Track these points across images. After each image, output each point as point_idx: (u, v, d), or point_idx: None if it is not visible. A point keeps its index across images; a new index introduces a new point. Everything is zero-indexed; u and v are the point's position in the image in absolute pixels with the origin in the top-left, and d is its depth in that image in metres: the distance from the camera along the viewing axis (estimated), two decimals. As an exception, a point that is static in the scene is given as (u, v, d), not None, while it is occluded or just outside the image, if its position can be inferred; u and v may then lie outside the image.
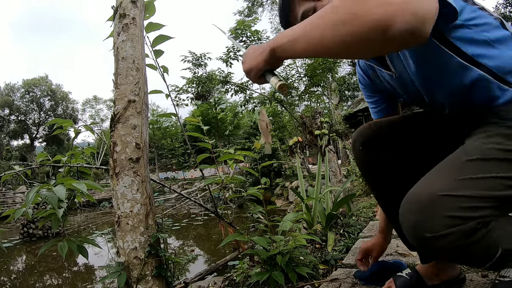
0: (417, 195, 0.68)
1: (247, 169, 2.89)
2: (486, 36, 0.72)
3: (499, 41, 0.72)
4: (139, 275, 1.24)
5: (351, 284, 1.21)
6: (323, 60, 7.28)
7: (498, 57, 0.72)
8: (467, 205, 0.64)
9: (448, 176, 0.69)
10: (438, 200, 0.65)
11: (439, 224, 0.64)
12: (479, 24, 0.72)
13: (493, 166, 0.68)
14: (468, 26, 0.72)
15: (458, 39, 0.73)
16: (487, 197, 0.65)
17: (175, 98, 9.33)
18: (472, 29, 0.72)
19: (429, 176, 0.72)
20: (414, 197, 0.69)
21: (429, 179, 0.71)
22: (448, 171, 0.70)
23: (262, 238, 1.38)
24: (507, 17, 14.04)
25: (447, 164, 0.73)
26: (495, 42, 0.72)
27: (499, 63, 0.72)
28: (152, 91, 1.58)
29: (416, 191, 0.70)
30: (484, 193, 0.65)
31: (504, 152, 0.69)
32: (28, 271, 5.56)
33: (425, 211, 0.65)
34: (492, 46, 0.72)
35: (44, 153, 1.61)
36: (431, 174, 0.72)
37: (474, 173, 0.67)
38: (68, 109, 34.88)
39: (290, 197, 10.88)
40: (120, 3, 1.45)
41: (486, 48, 0.72)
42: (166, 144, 26.39)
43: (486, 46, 0.72)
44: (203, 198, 5.76)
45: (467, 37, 0.73)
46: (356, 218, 2.74)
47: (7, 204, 14.49)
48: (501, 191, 0.66)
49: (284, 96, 1.25)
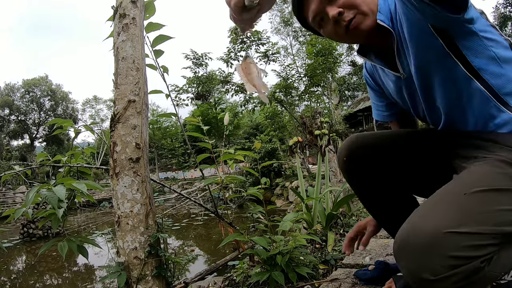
0: (416, 231, 0.62)
1: (247, 169, 2.89)
2: (495, 52, 0.71)
3: (506, 61, 0.71)
4: (139, 275, 1.24)
5: (351, 284, 1.21)
6: (323, 60, 7.29)
7: (501, 76, 0.71)
8: (472, 243, 0.59)
9: (449, 210, 0.63)
10: (441, 239, 0.59)
11: (442, 265, 0.58)
12: (490, 38, 0.71)
13: (501, 197, 0.64)
14: (479, 37, 0.70)
15: (467, 48, 0.71)
16: (494, 233, 0.61)
17: (175, 98, 9.33)
18: (482, 41, 0.71)
19: (427, 208, 0.65)
20: (411, 232, 0.62)
21: (428, 213, 0.64)
22: (449, 204, 0.64)
23: (262, 238, 1.38)
24: (507, 17, 14.03)
25: (447, 195, 0.67)
26: (502, 61, 0.71)
27: (501, 82, 0.71)
28: (152, 91, 1.58)
29: (413, 226, 0.63)
30: (492, 229, 0.60)
31: (510, 180, 0.65)
32: (28, 271, 5.56)
33: (426, 251, 0.59)
34: (499, 63, 0.71)
35: (44, 153, 1.61)
36: (430, 206, 0.66)
37: (480, 206, 0.62)
38: (68, 109, 34.85)
39: (290, 197, 10.88)
40: (120, 3, 1.45)
41: (492, 64, 0.71)
42: (166, 144, 26.38)
43: (493, 62, 0.71)
44: (203, 198, 5.76)
45: (476, 48, 0.71)
46: (356, 218, 2.73)
47: (7, 204, 14.48)
48: (510, 226, 0.61)
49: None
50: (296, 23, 13.37)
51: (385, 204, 1.01)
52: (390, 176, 0.97)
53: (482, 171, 0.68)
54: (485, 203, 0.63)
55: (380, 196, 1.00)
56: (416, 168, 0.95)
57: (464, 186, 0.66)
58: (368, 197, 1.03)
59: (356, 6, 0.79)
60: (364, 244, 1.07)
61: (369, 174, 0.97)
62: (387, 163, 0.95)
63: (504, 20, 13.99)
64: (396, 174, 0.97)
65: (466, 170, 0.72)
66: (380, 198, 1.00)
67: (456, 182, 0.70)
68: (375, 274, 1.17)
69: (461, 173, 0.72)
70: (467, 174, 0.70)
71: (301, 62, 8.05)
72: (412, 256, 0.61)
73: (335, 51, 7.85)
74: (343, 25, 0.80)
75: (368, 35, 0.82)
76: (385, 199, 1.00)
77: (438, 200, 0.67)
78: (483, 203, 0.62)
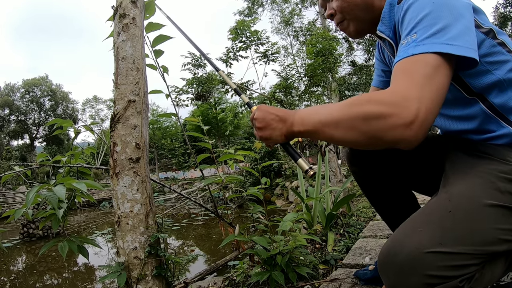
0: (397, 249, 0.62)
1: (247, 169, 2.89)
2: (499, 75, 0.69)
3: (510, 82, 0.70)
4: (139, 275, 1.24)
5: (351, 284, 1.21)
6: (323, 60, 7.29)
7: (505, 95, 0.70)
8: (451, 264, 0.58)
9: (433, 229, 0.62)
10: (420, 259, 0.59)
11: (418, 284, 0.59)
12: (494, 61, 0.69)
13: (488, 214, 0.62)
14: (481, 63, 0.68)
15: (468, 75, 0.71)
16: (477, 254, 0.60)
17: (175, 99, 9.34)
18: (485, 67, 0.69)
19: (412, 226, 0.65)
20: (393, 250, 0.63)
21: (412, 231, 0.63)
22: (433, 224, 0.63)
23: (263, 238, 1.38)
24: (507, 17, 14.02)
25: (433, 211, 0.66)
26: (508, 82, 0.69)
27: (504, 101, 0.70)
28: (152, 91, 1.58)
29: (396, 244, 0.63)
30: (474, 249, 0.59)
31: (501, 195, 0.63)
32: (28, 271, 5.56)
33: (405, 269, 0.60)
34: (503, 84, 0.69)
35: (44, 153, 1.61)
36: (415, 223, 0.65)
37: (464, 225, 0.61)
38: (68, 109, 34.86)
39: (290, 197, 10.88)
40: (120, 3, 1.45)
41: (496, 86, 0.70)
42: (166, 144, 26.39)
43: (496, 84, 0.70)
44: (203, 198, 5.75)
45: (477, 74, 0.70)
46: (356, 218, 2.73)
47: (7, 204, 14.48)
48: (495, 245, 0.60)
49: (310, 178, 1.26)
50: (296, 23, 13.38)
51: (385, 198, 1.08)
52: (390, 171, 1.03)
53: (471, 184, 0.67)
54: (470, 221, 0.61)
55: (380, 190, 1.07)
56: (414, 166, 0.99)
57: (451, 202, 0.65)
58: (370, 190, 1.10)
59: (343, 12, 0.84)
60: None
61: (371, 167, 1.04)
62: (388, 158, 1.00)
63: (504, 20, 13.98)
64: (396, 170, 1.02)
65: (456, 182, 0.70)
66: (380, 191, 1.08)
67: (443, 196, 0.68)
68: (375, 274, 1.17)
69: (450, 184, 0.70)
70: (457, 187, 0.68)
71: (301, 62, 8.04)
72: (392, 272, 0.62)
73: (335, 51, 7.85)
74: (336, 23, 0.87)
75: (366, 33, 0.88)
76: (385, 193, 1.07)
77: (423, 217, 0.66)
78: (468, 222, 0.61)
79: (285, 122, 0.72)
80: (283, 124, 0.73)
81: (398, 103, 0.56)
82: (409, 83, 0.58)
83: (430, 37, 0.60)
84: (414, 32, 0.63)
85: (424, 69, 0.58)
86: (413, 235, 0.62)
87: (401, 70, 0.61)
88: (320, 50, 7.49)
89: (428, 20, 0.62)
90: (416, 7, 0.65)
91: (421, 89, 0.57)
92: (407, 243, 0.61)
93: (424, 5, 0.64)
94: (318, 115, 0.66)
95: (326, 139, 0.68)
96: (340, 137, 0.63)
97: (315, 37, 7.72)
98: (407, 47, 0.63)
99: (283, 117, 0.73)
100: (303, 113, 0.71)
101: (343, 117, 0.62)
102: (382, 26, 0.81)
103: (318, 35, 7.80)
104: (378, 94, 0.60)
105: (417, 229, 0.63)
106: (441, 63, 0.59)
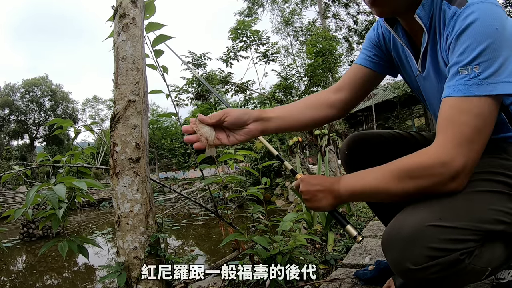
0: (401, 225, 0.66)
1: (247, 169, 2.89)
2: None
3: None
4: (139, 275, 1.24)
5: (351, 284, 1.21)
6: (323, 60, 7.30)
7: None
8: (451, 237, 0.61)
9: (434, 206, 0.66)
10: (422, 231, 0.62)
11: (422, 256, 0.61)
12: None
13: (488, 197, 0.66)
14: None
15: None
16: (475, 229, 0.63)
17: (175, 98, 9.33)
18: None
19: (413, 206, 0.68)
20: (397, 226, 0.67)
21: (414, 209, 0.67)
22: (434, 202, 0.66)
23: (263, 238, 1.38)
24: (507, 17, 14.00)
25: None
26: None
27: None
28: (152, 91, 1.58)
29: (399, 221, 0.67)
30: (472, 224, 0.63)
31: (503, 185, 0.67)
32: (28, 271, 5.56)
33: (409, 242, 0.63)
34: None
35: (44, 153, 1.61)
36: (416, 204, 0.68)
37: (464, 204, 0.65)
38: (68, 109, 34.85)
39: (290, 197, 10.87)
40: (120, 3, 1.45)
41: None
42: (166, 144, 26.37)
43: None
44: (203, 198, 5.76)
45: None
46: (356, 218, 2.73)
47: (7, 204, 14.49)
48: (491, 224, 0.64)
49: (358, 243, 1.26)
50: (296, 23, 13.37)
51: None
52: None
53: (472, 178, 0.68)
54: (468, 200, 0.65)
55: None
56: None
57: None
58: None
59: None
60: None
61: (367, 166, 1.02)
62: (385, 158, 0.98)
63: (504, 20, 13.96)
64: None
65: None
66: None
67: None
68: (375, 274, 1.17)
69: None
70: None
71: (301, 62, 8.05)
72: (396, 247, 0.65)
73: (335, 51, 7.86)
74: None
75: (397, 14, 0.80)
76: None
77: (424, 200, 0.68)
78: (466, 201, 0.65)
79: (332, 192, 0.76)
80: (329, 194, 0.77)
81: (445, 164, 0.61)
82: (458, 140, 0.61)
83: (493, 75, 0.60)
84: (476, 64, 0.61)
85: (476, 122, 0.61)
86: (415, 213, 0.66)
87: (450, 120, 0.63)
88: (320, 50, 7.49)
89: (491, 53, 0.60)
90: (479, 31, 0.61)
91: (470, 147, 0.61)
92: (409, 219, 0.65)
93: (489, 32, 0.60)
94: (364, 186, 0.72)
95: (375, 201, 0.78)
96: (391, 200, 0.72)
97: (315, 37, 7.73)
98: (469, 82, 0.61)
99: (329, 188, 0.77)
100: (349, 183, 0.75)
101: (394, 189, 0.68)
102: (422, 11, 0.73)
103: (318, 35, 7.80)
104: (424, 159, 0.64)
105: (418, 208, 0.67)
106: (495, 107, 0.62)
